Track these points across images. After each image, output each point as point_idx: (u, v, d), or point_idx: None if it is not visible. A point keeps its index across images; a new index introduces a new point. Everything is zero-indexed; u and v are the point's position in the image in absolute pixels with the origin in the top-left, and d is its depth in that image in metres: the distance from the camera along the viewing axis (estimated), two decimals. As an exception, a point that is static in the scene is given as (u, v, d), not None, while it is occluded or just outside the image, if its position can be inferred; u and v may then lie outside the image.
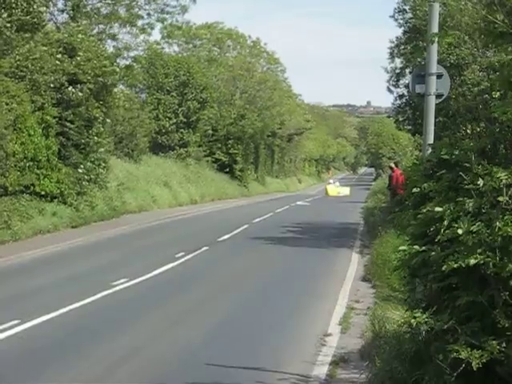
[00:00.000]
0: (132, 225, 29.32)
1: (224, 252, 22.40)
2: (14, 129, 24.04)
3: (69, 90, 27.26)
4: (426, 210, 6.56)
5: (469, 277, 6.07)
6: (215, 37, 64.94)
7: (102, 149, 30.19)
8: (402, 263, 7.18)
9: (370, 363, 8.97)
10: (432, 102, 11.34)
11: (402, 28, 25.88)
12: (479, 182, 6.14)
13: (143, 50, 45.65)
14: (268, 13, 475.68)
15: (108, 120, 31.11)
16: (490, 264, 5.83)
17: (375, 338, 10.08)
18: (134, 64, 44.53)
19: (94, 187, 29.65)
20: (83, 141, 28.32)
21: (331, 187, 67.54)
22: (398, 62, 27.23)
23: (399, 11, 25.77)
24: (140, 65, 46.49)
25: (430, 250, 6.33)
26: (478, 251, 5.88)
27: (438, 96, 11.52)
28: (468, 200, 6.17)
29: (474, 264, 5.85)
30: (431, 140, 11.01)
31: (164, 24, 44.93)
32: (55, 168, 26.30)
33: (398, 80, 27.42)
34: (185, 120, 48.30)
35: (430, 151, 7.93)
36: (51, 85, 26.33)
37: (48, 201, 25.86)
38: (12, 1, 24.48)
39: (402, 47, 26.21)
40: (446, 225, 6.19)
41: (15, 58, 25.11)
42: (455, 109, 17.26)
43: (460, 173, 6.46)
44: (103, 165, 30.42)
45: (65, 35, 29.25)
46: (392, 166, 27.05)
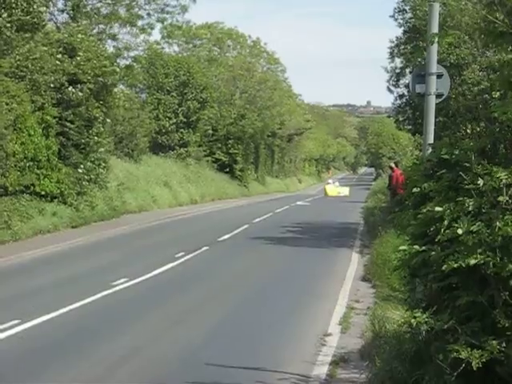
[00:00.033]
0: (132, 225, 29.32)
1: (224, 252, 22.40)
2: (14, 129, 24.04)
3: (69, 90, 27.27)
4: (426, 210, 6.57)
5: (469, 277, 6.07)
6: (215, 37, 64.97)
7: (102, 149, 30.20)
8: (402, 263, 7.19)
9: (370, 363, 8.97)
10: (432, 102, 11.34)
11: (402, 28, 25.90)
12: (479, 182, 6.14)
13: (143, 50, 45.70)
14: (268, 13, 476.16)
15: (108, 120, 31.12)
16: (490, 264, 5.83)
17: (375, 338, 10.08)
18: (134, 64, 44.55)
19: (94, 187, 29.66)
20: (83, 141, 28.33)
21: (330, 187, 66.79)
22: (398, 62, 27.24)
23: (399, 11, 25.77)
24: (140, 65, 46.51)
25: (430, 250, 6.33)
26: (478, 251, 5.87)
27: (438, 96, 11.51)
28: (468, 200, 6.17)
29: (474, 264, 5.85)
30: (431, 140, 11.01)
31: (164, 24, 44.95)
32: (55, 168, 26.30)
33: (398, 80, 27.42)
34: (185, 120, 48.31)
35: (430, 151, 7.93)
36: (51, 85, 26.33)
37: (48, 201, 25.86)
38: (12, 1, 24.48)
39: (402, 47, 26.21)
40: (446, 225, 6.19)
41: (15, 58, 25.11)
42: (455, 109, 17.28)
43: (460, 172, 6.46)
44: (103, 165, 30.42)
45: (65, 35, 29.26)
46: (392, 166, 27.06)
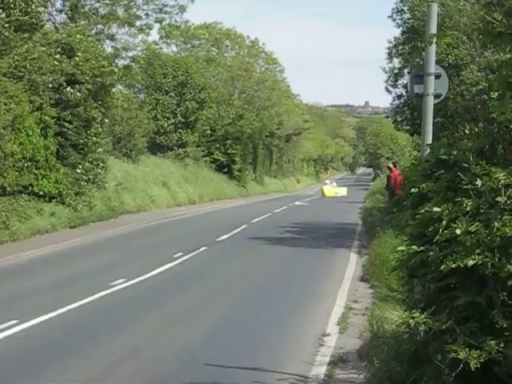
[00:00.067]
0: (130, 225, 29.32)
1: (222, 252, 22.40)
2: (13, 129, 24.03)
3: (67, 91, 27.26)
4: (425, 211, 6.57)
5: (467, 277, 6.07)
6: (213, 37, 64.96)
7: (101, 149, 30.20)
8: (401, 263, 7.19)
9: (369, 363, 8.97)
10: (430, 103, 11.33)
11: (401, 28, 25.91)
12: (477, 183, 6.14)
13: (141, 51, 45.69)
14: (268, 13, 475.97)
15: (106, 120, 31.11)
16: (489, 264, 5.84)
17: (373, 338, 10.08)
18: (133, 64, 44.53)
19: (93, 187, 29.65)
20: (81, 141, 28.33)
21: (328, 188, 66.17)
22: (397, 62, 27.24)
23: (397, 11, 25.78)
24: (138, 65, 46.51)
25: (429, 250, 6.33)
26: (477, 251, 5.88)
27: (437, 96, 11.50)
28: (466, 200, 6.17)
29: (473, 264, 5.86)
30: (429, 140, 11.00)
31: (162, 24, 44.90)
32: (53, 168, 26.30)
33: (397, 80, 27.41)
34: (183, 120, 48.30)
35: (429, 151, 7.93)
36: (49, 85, 26.31)
37: (46, 201, 25.86)
38: (10, 1, 24.50)
39: (401, 47, 26.22)
40: (445, 225, 6.19)
41: (13, 58, 25.10)
42: (453, 109, 17.30)
43: (458, 173, 6.47)
44: (101, 165, 30.42)
45: (63, 35, 29.25)
46: (390, 167, 27.08)
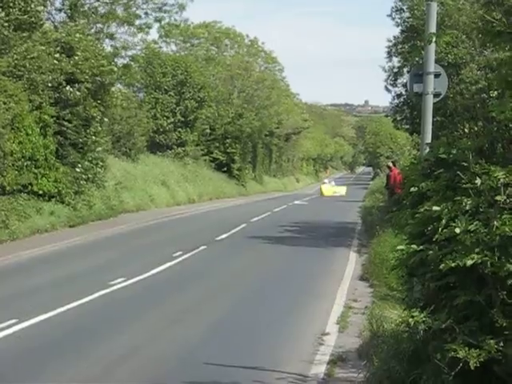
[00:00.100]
0: (130, 224, 29.32)
1: (222, 251, 22.40)
2: (12, 128, 24.03)
3: (66, 90, 27.26)
4: (424, 209, 6.57)
5: (467, 276, 6.07)
6: (213, 36, 64.96)
7: (100, 148, 30.20)
8: (400, 262, 7.19)
9: (368, 362, 8.97)
10: (430, 101, 11.34)
11: (400, 27, 25.87)
12: (477, 181, 6.14)
13: (141, 50, 45.72)
14: (268, 12, 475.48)
15: (106, 119, 31.13)
16: (488, 263, 5.83)
17: (373, 337, 10.08)
18: (132, 63, 44.54)
19: (92, 186, 29.66)
20: (81, 140, 28.34)
21: (326, 187, 65.53)
22: (396, 61, 27.21)
23: (397, 10, 25.76)
24: (138, 64, 46.50)
25: (428, 249, 6.33)
26: (476, 250, 5.87)
27: (436, 95, 11.52)
28: (466, 199, 6.17)
29: (472, 263, 5.85)
30: (429, 139, 11.02)
31: (162, 23, 44.90)
32: (53, 167, 26.29)
33: (396, 79, 27.38)
34: (182, 119, 48.29)
35: (428, 150, 7.92)
36: (49, 84, 26.31)
37: (46, 200, 25.86)
38: (9, 0, 24.48)
39: (400, 46, 26.19)
40: (444, 224, 6.19)
41: (13, 57, 25.09)
42: (453, 108, 17.29)
43: (458, 172, 6.46)
44: (101, 164, 30.42)
45: (62, 34, 29.25)
46: (390, 166, 27.09)
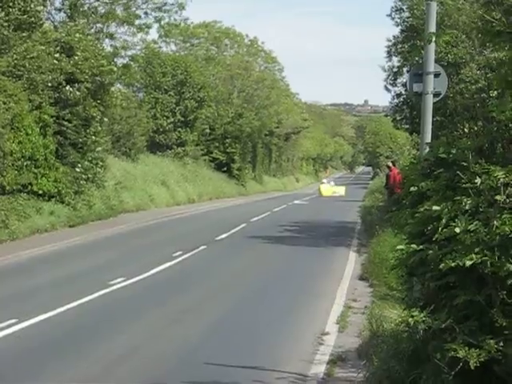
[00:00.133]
0: (129, 224, 29.31)
1: (222, 251, 22.40)
2: (12, 128, 24.02)
3: (66, 89, 27.25)
4: (424, 209, 6.57)
5: (466, 276, 6.07)
6: (213, 36, 64.95)
7: (100, 148, 30.20)
8: (400, 262, 7.19)
9: (368, 362, 8.97)
10: (429, 101, 11.33)
11: (400, 27, 25.86)
12: (477, 181, 6.14)
13: (141, 49, 45.70)
14: (268, 12, 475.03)
15: (105, 119, 31.13)
16: (488, 263, 5.83)
17: (373, 337, 10.08)
18: (132, 63, 44.51)
19: (92, 186, 29.66)
20: (81, 140, 28.34)
21: (325, 187, 64.71)
22: (396, 61, 27.19)
23: (396, 10, 25.74)
24: (137, 64, 46.48)
25: (428, 249, 6.33)
26: (476, 250, 5.87)
27: (436, 95, 11.50)
28: (465, 199, 6.17)
29: (472, 263, 5.85)
30: (429, 139, 11.00)
31: (161, 23, 44.87)
32: (53, 167, 26.29)
33: (396, 79, 27.36)
34: (182, 119, 48.29)
35: (428, 150, 7.93)
36: (49, 84, 26.30)
37: (45, 200, 25.86)
38: (9, 0, 24.47)
39: (400, 46, 26.18)
40: (444, 223, 6.19)
41: (13, 57, 25.08)
42: (453, 108, 17.29)
43: (457, 172, 6.46)
44: (101, 164, 30.41)
45: (62, 34, 29.25)
46: (389, 165, 27.09)
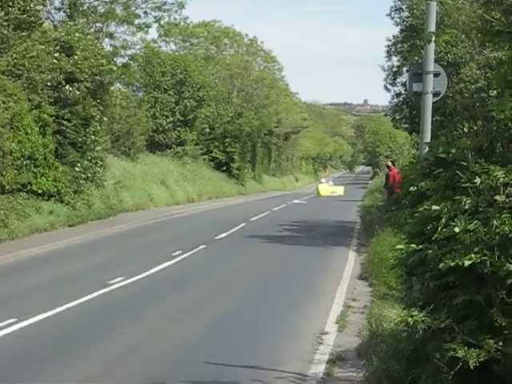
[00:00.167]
0: (129, 223, 29.31)
1: (221, 250, 22.40)
2: (11, 127, 24.01)
3: (66, 89, 27.25)
4: (423, 209, 6.57)
5: (466, 275, 6.07)
6: (212, 35, 64.96)
7: (99, 147, 30.19)
8: (399, 262, 7.19)
9: (367, 362, 8.97)
10: (429, 101, 11.32)
11: (399, 26, 25.86)
12: (476, 181, 6.14)
13: (140, 49, 45.65)
14: (268, 11, 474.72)
15: (105, 118, 31.12)
16: (487, 263, 5.83)
17: (372, 337, 10.09)
18: (131, 62, 44.49)
19: (91, 186, 29.66)
20: (80, 139, 28.33)
21: (323, 187, 63.87)
22: (395, 61, 27.19)
23: (396, 10, 25.74)
24: (137, 63, 46.46)
25: (427, 249, 6.33)
26: (475, 250, 5.87)
27: (435, 94, 11.50)
28: (465, 198, 6.17)
29: (471, 263, 5.85)
30: (428, 138, 11.00)
31: (161, 23, 44.84)
32: (52, 166, 26.29)
33: (395, 78, 27.36)
34: (182, 118, 48.28)
35: (427, 150, 7.93)
36: (48, 83, 26.30)
37: (45, 199, 25.85)
38: (9, -1, 24.49)
39: (399, 45, 26.18)
40: (443, 223, 6.19)
41: (12, 57, 25.08)
42: (452, 107, 17.29)
43: (457, 171, 6.46)
44: (100, 163, 30.41)
45: (62, 34, 29.24)
46: (389, 165, 27.10)
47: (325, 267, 19.31)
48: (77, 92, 27.48)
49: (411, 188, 7.17)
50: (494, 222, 5.87)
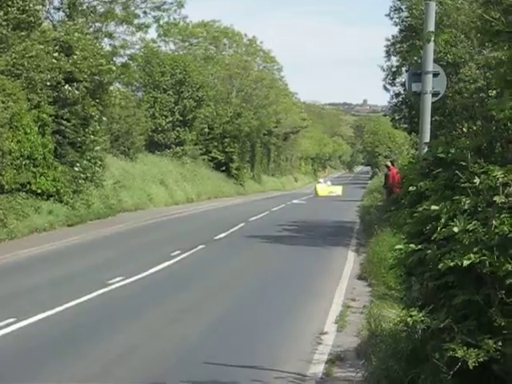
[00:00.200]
0: (128, 223, 29.31)
1: (220, 250, 22.40)
2: (10, 127, 24.00)
3: (65, 89, 27.25)
4: (423, 209, 6.57)
5: (465, 275, 6.07)
6: (211, 35, 64.97)
7: (98, 147, 30.19)
8: (398, 262, 7.19)
9: (366, 362, 8.98)
10: (428, 101, 11.33)
11: (398, 26, 25.86)
12: (475, 181, 6.14)
13: (139, 49, 45.71)
14: (267, 11, 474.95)
15: (104, 118, 31.11)
16: (487, 263, 5.83)
17: (371, 337, 10.09)
18: (131, 62, 44.51)
19: (90, 185, 29.66)
20: (79, 139, 28.34)
21: (321, 186, 63.43)
22: (395, 61, 27.19)
23: (395, 10, 25.74)
24: (136, 63, 46.48)
25: (427, 249, 6.33)
26: (474, 250, 5.87)
27: (435, 94, 11.51)
28: (464, 198, 6.17)
29: (470, 263, 5.85)
30: (427, 138, 11.01)
31: (160, 23, 44.86)
32: (51, 166, 26.29)
33: (395, 78, 27.36)
34: (181, 118, 48.29)
35: (426, 150, 7.94)
36: (47, 83, 26.30)
37: (44, 199, 25.86)
38: (8, -1, 24.50)
39: (399, 45, 26.18)
40: (443, 223, 6.19)
41: (11, 56, 25.08)
42: (452, 107, 17.30)
43: (456, 171, 6.46)
44: (99, 163, 30.41)
45: (61, 33, 29.24)
46: (388, 165, 27.12)
47: (324, 267, 19.31)
48: (76, 92, 27.48)
49: (410, 188, 7.17)
50: (493, 222, 5.87)
